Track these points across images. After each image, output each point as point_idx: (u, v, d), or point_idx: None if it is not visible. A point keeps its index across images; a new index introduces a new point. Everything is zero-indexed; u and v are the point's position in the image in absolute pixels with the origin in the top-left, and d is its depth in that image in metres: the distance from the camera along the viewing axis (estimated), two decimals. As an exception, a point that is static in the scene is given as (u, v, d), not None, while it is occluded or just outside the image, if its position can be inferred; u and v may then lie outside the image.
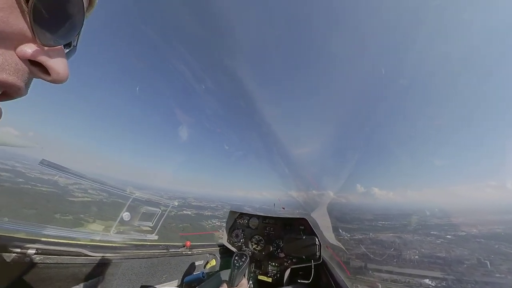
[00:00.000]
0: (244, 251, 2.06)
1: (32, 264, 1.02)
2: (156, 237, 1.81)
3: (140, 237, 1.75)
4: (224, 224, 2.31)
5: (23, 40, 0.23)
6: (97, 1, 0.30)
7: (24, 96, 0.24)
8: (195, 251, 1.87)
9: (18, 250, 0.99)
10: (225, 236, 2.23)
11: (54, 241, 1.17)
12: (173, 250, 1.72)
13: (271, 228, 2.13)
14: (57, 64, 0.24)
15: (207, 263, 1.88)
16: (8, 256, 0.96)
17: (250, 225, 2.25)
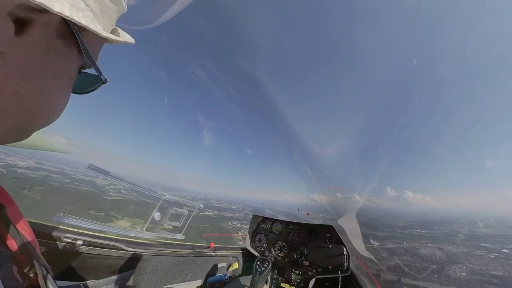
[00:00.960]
0: (266, 256, 2.05)
1: (79, 254, 1.16)
2: (183, 237, 1.90)
3: (169, 236, 1.86)
4: (244, 226, 2.34)
5: None
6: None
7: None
8: (218, 253, 1.92)
9: (69, 240, 1.14)
10: (248, 240, 2.24)
11: (97, 235, 1.31)
12: (198, 250, 1.79)
13: (295, 234, 2.08)
14: None
15: (230, 265, 1.91)
16: (62, 245, 1.10)
17: (273, 230, 2.23)
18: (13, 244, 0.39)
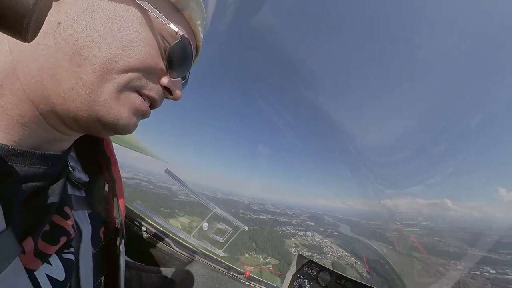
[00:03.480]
0: None
1: (140, 238, 1.39)
2: (222, 254, 1.92)
3: (210, 248, 1.93)
4: (299, 232, 2.07)
5: (163, 74, 0.41)
6: (199, 51, 0.53)
7: (158, 108, 0.46)
8: (252, 284, 1.77)
9: (138, 224, 1.41)
10: (286, 283, 1.97)
11: (156, 227, 1.55)
12: (233, 273, 1.73)
13: None
14: (177, 88, 0.45)
15: None
16: (132, 226, 1.38)
17: (319, 280, 1.86)
18: (112, 209, 0.60)
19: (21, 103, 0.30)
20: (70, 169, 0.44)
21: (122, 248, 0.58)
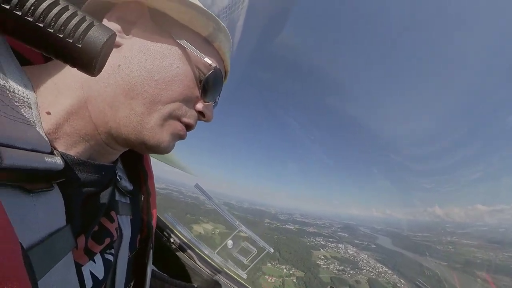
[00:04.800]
0: None
1: (168, 249, 1.45)
2: (245, 276, 1.83)
3: (233, 268, 1.87)
4: (330, 244, 1.83)
5: (197, 100, 0.46)
6: (228, 74, 0.60)
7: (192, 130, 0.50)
8: None
9: (167, 235, 1.47)
10: None
11: (183, 240, 1.59)
12: None
13: None
14: (210, 112, 0.50)
15: None
16: (161, 236, 1.45)
17: None
18: (146, 219, 0.66)
19: (87, 125, 0.38)
20: (118, 178, 0.52)
21: (150, 257, 0.62)
